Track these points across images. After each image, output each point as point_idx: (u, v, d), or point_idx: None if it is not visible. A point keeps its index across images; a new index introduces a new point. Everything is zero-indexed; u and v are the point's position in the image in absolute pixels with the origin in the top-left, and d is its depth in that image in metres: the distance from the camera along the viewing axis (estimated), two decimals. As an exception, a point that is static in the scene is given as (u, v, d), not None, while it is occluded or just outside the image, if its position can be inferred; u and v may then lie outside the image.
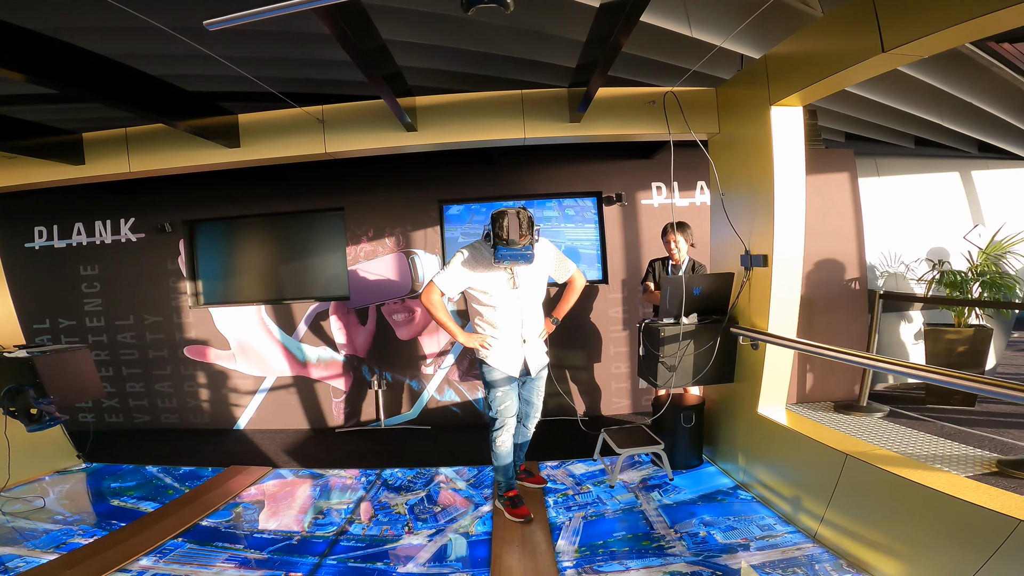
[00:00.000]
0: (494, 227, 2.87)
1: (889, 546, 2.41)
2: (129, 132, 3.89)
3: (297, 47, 3.32)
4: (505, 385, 3.21)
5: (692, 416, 3.80)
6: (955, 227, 5.90)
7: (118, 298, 5.54)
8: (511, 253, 2.84)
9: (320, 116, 3.75)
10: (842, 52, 2.50)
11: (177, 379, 5.54)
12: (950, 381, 2.18)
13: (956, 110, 4.64)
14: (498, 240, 2.85)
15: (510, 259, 2.87)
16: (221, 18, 1.62)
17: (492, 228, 2.89)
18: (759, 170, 3.26)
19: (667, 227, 4.07)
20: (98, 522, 3.39)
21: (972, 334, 4.99)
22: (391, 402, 5.34)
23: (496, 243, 2.86)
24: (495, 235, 2.86)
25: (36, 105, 3.87)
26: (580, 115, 3.58)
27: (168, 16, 2.40)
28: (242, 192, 5.37)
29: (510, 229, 2.82)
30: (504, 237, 2.83)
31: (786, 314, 3.30)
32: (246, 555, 2.97)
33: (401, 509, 3.46)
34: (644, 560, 2.73)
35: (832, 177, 5.12)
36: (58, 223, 5.56)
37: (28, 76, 2.49)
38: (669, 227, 4.04)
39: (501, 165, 5.28)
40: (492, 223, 2.89)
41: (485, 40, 3.38)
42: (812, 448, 2.92)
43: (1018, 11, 1.81)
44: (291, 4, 1.58)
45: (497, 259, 2.88)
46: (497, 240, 2.85)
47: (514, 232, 2.82)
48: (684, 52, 3.41)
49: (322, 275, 5.55)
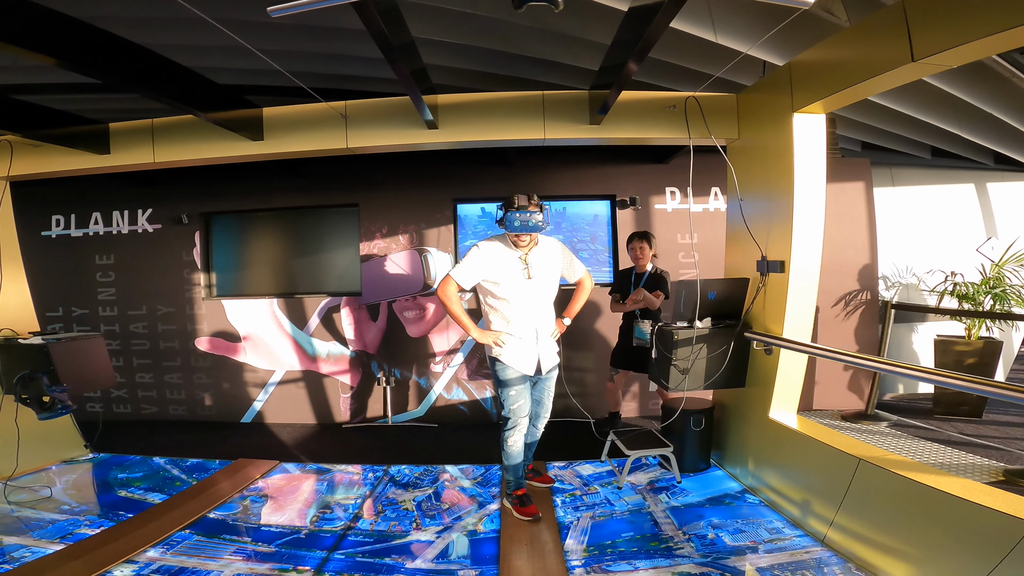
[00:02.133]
0: (505, 203, 3.11)
1: (899, 549, 2.42)
2: (155, 123, 3.93)
3: (324, 41, 3.35)
4: (519, 384, 3.22)
5: (702, 420, 3.81)
6: (969, 239, 5.89)
7: (132, 288, 5.59)
8: (522, 216, 3.04)
9: (343, 111, 3.79)
10: (870, 60, 2.51)
11: (187, 371, 5.57)
12: (960, 384, 2.21)
13: (974, 120, 4.64)
14: (509, 207, 3.07)
15: (520, 224, 3.05)
16: (284, 4, 1.64)
17: (504, 205, 3.12)
18: (779, 176, 3.28)
19: (632, 236, 4.32)
20: (104, 513, 3.39)
21: (982, 346, 4.99)
22: (399, 399, 5.36)
23: (507, 210, 3.08)
24: (506, 207, 3.10)
25: (65, 95, 3.92)
26: (600, 118, 3.60)
27: (214, 8, 2.43)
28: (259, 186, 5.41)
29: (520, 199, 3.07)
30: (515, 204, 3.06)
31: (802, 320, 3.32)
32: (254, 548, 2.98)
33: (409, 505, 3.48)
34: (652, 560, 2.73)
35: (848, 186, 5.12)
36: (76, 212, 5.61)
37: (61, 62, 2.51)
38: (635, 236, 4.30)
39: (516, 166, 5.31)
40: (504, 202, 3.12)
41: (509, 40, 3.41)
42: (824, 453, 2.93)
43: None
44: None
45: (508, 226, 3.08)
46: (508, 207, 3.08)
47: (523, 199, 3.07)
48: (706, 57, 3.44)
49: (335, 270, 5.58)
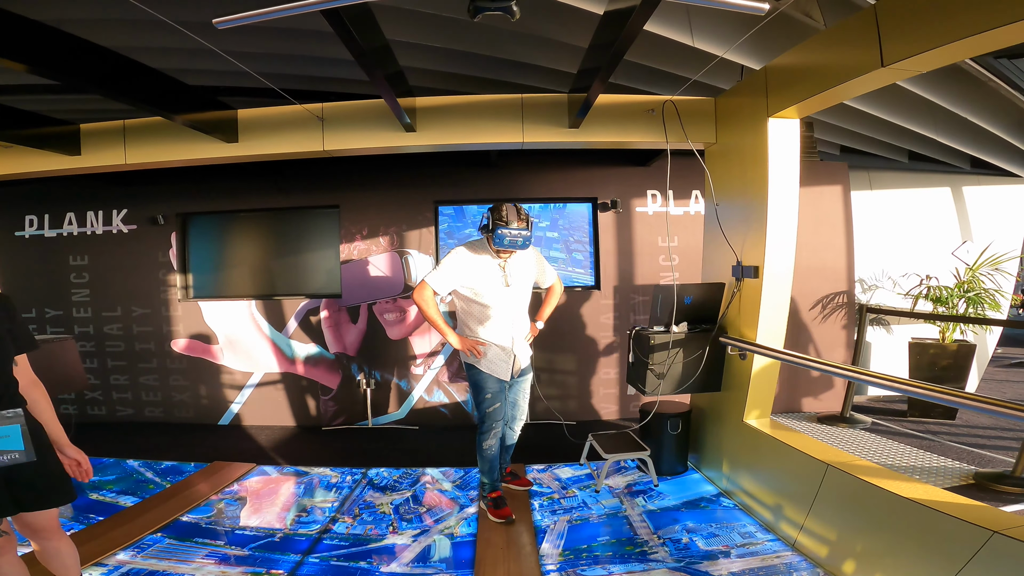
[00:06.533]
0: (494, 215, 3.05)
1: (866, 555, 2.45)
2: (127, 124, 3.88)
3: (299, 44, 3.31)
4: (495, 388, 3.23)
5: (679, 423, 3.83)
6: (944, 242, 5.98)
7: (106, 289, 5.50)
8: (512, 233, 3.00)
9: (320, 114, 3.76)
10: (842, 65, 2.52)
11: (163, 372, 5.50)
12: (929, 395, 2.24)
13: (951, 124, 4.70)
14: (499, 223, 3.02)
15: (509, 242, 3.03)
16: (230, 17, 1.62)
17: (491, 216, 3.07)
18: (754, 182, 3.30)
19: None
20: (75, 516, 3.34)
21: (955, 349, 5.07)
22: (379, 401, 5.34)
23: (496, 226, 3.02)
24: (495, 221, 3.03)
25: (35, 95, 3.85)
26: (579, 121, 3.60)
27: (174, 10, 2.40)
28: (237, 187, 5.35)
29: (510, 214, 3.03)
30: (505, 220, 3.02)
31: (774, 326, 3.34)
32: (227, 551, 2.95)
33: (386, 509, 3.46)
34: (627, 565, 2.75)
35: (826, 190, 5.18)
36: (50, 212, 5.50)
37: (30, 67, 2.48)
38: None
39: (498, 168, 5.30)
40: (492, 212, 3.07)
41: (487, 43, 3.39)
42: (795, 457, 2.96)
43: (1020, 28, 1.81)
44: (299, 5, 1.58)
45: (496, 242, 3.05)
46: (498, 223, 3.02)
47: (513, 217, 3.03)
48: (685, 61, 3.44)
49: (315, 272, 5.53)
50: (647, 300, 5.22)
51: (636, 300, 5.30)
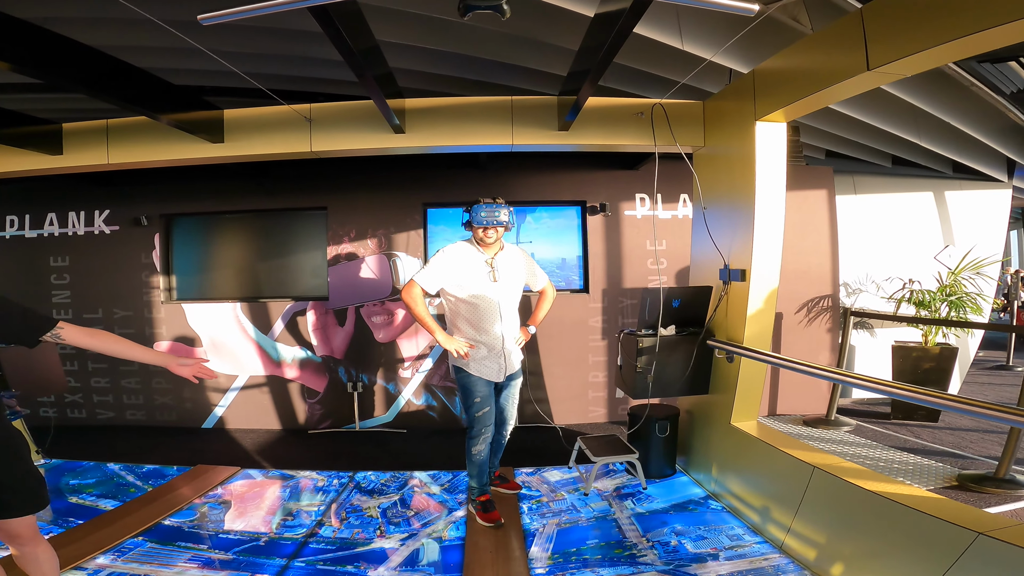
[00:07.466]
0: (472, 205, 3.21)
1: (853, 557, 2.47)
2: (110, 124, 3.81)
3: (287, 43, 3.29)
4: (484, 391, 3.21)
5: (667, 426, 3.84)
6: (927, 247, 6.06)
7: (88, 291, 5.40)
8: (488, 209, 3.13)
9: (308, 114, 3.72)
10: (828, 69, 2.54)
11: (145, 375, 5.41)
12: (913, 397, 2.26)
13: (934, 129, 4.77)
14: (475, 204, 3.17)
15: (487, 217, 3.14)
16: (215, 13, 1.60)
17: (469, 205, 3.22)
18: (741, 185, 3.32)
19: None
20: (54, 519, 3.28)
21: (938, 352, 5.13)
22: (367, 404, 5.29)
23: (474, 208, 3.17)
24: (472, 206, 3.19)
25: (17, 94, 3.79)
26: (569, 123, 3.61)
27: (160, 9, 2.37)
28: (223, 187, 5.28)
29: (485, 199, 3.20)
30: (481, 200, 3.18)
31: (761, 329, 3.36)
32: (210, 555, 2.92)
33: (373, 512, 3.43)
34: (616, 568, 2.75)
35: (811, 194, 5.23)
36: (30, 213, 5.40)
37: (13, 66, 2.44)
38: None
39: (487, 170, 5.29)
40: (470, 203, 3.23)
41: (478, 45, 3.39)
42: (781, 460, 2.97)
43: (1003, 32, 1.84)
44: (287, 1, 1.57)
45: (477, 221, 3.15)
46: (475, 204, 3.17)
47: (489, 197, 3.21)
48: (674, 64, 3.46)
49: (301, 274, 5.48)
50: (635, 304, 5.23)
51: (624, 304, 5.31)
